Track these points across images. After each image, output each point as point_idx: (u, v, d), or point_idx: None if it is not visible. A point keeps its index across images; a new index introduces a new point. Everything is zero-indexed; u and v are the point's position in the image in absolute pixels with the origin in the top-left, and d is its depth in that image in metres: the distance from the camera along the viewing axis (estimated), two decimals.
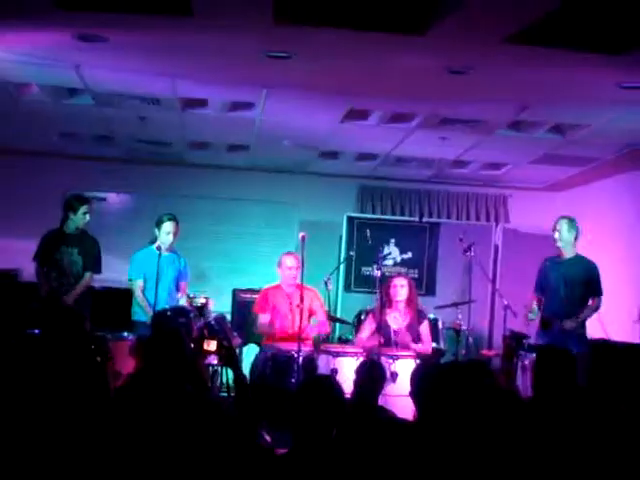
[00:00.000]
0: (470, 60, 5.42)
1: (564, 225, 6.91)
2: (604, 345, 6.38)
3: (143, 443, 3.55)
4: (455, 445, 3.28)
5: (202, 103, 7.20)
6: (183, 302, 7.03)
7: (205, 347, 6.39)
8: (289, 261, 6.98)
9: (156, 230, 6.97)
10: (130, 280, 7.08)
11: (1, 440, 3.44)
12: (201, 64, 5.98)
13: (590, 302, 6.92)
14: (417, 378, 4.01)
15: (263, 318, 7.03)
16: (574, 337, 6.64)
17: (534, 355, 6.33)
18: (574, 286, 6.88)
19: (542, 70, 5.53)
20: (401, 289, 7.12)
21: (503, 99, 6.47)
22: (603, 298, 6.92)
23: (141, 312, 6.93)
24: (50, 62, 6.02)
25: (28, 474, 3.36)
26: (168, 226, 6.94)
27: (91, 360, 4.21)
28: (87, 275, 7.00)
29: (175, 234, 6.98)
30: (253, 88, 6.58)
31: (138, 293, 6.99)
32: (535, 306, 7.05)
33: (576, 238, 6.96)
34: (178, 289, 7.10)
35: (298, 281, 6.89)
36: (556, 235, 6.92)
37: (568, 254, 6.97)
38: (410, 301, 7.15)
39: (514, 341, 6.94)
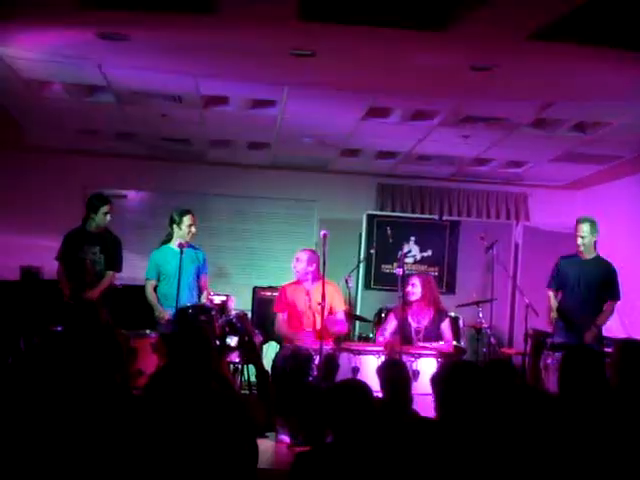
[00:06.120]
0: (494, 57, 5.40)
1: (588, 227, 6.82)
2: (628, 344, 6.31)
3: (170, 439, 3.55)
4: (480, 443, 3.27)
5: (223, 101, 7.21)
6: (203, 299, 7.02)
7: (227, 343, 6.40)
8: (297, 257, 6.94)
9: (175, 227, 6.97)
10: (146, 279, 7.05)
11: (25, 435, 3.46)
12: (224, 62, 5.98)
13: (606, 306, 6.82)
14: (438, 378, 3.98)
15: (280, 318, 6.99)
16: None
17: (557, 354, 6.30)
18: (591, 287, 6.81)
19: (567, 67, 5.49)
20: (413, 288, 7.08)
21: (527, 96, 6.42)
22: (622, 297, 6.84)
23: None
24: (73, 60, 6.05)
25: (52, 468, 3.38)
26: (189, 219, 6.96)
27: (116, 354, 4.21)
28: (109, 274, 6.99)
29: (195, 225, 7.01)
30: (275, 86, 6.58)
31: (149, 291, 6.96)
32: (554, 301, 6.94)
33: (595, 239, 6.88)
34: (199, 284, 7.09)
35: (312, 277, 6.82)
36: (579, 239, 6.82)
37: (588, 255, 6.88)
38: (423, 299, 7.07)
39: (538, 339, 6.91)
